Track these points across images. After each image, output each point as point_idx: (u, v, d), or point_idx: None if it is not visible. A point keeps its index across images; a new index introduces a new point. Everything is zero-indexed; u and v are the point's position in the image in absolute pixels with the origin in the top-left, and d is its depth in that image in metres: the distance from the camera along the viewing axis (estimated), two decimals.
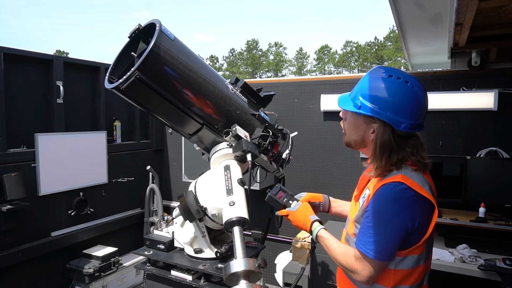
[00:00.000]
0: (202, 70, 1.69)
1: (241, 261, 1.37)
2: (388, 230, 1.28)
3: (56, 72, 3.36)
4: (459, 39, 2.59)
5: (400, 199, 1.27)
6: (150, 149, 4.47)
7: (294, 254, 3.45)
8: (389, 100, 1.30)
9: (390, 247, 1.29)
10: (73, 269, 3.40)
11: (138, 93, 1.58)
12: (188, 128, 1.81)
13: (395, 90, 1.31)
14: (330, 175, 3.66)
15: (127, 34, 1.62)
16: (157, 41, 1.48)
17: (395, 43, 49.06)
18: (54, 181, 3.31)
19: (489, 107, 2.89)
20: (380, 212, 1.29)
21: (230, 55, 60.59)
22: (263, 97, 1.99)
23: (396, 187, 1.28)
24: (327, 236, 1.49)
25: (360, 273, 1.33)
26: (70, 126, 3.54)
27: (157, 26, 1.51)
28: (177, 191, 4.58)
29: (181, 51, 1.61)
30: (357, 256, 1.34)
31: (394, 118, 1.29)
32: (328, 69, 56.69)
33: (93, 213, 3.66)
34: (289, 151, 2.05)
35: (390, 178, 1.31)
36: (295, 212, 1.62)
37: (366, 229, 1.32)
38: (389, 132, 1.32)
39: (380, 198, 1.30)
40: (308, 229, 1.55)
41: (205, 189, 1.78)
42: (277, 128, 1.99)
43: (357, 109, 1.36)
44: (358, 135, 1.43)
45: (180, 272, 1.88)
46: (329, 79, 3.71)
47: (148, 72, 1.51)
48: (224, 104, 1.78)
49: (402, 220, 1.27)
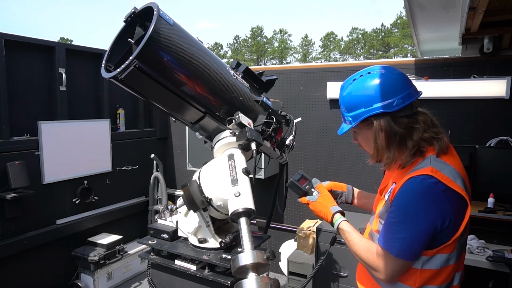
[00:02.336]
0: (203, 56, 1.63)
1: (249, 254, 1.35)
2: (414, 227, 1.19)
3: (58, 59, 3.32)
4: (472, 24, 2.50)
5: (429, 194, 1.17)
6: (154, 137, 4.45)
7: (299, 243, 3.44)
8: (365, 96, 1.29)
9: (415, 246, 1.20)
10: (78, 257, 3.42)
11: (138, 82, 1.52)
12: (190, 116, 1.77)
13: (365, 83, 1.31)
14: (336, 164, 3.61)
15: (123, 18, 1.55)
16: (155, 27, 1.40)
17: (402, 29, 48.27)
18: (58, 169, 3.31)
19: (501, 95, 2.80)
20: (406, 207, 1.20)
21: (235, 42, 60.12)
22: (266, 81, 1.93)
23: (425, 180, 1.18)
24: (349, 230, 1.41)
25: (382, 271, 1.26)
26: (74, 114, 3.51)
27: (154, 11, 1.43)
28: (181, 179, 4.56)
29: (181, 37, 1.54)
30: (380, 253, 1.26)
31: (382, 104, 1.25)
32: (334, 56, 56.09)
33: (97, 201, 3.66)
34: (293, 137, 2.01)
35: (418, 171, 1.21)
36: (315, 202, 1.57)
37: (390, 225, 1.24)
38: (388, 120, 1.26)
39: (406, 192, 1.20)
40: (329, 220, 1.50)
41: (209, 180, 1.75)
42: (281, 114, 1.94)
43: (352, 124, 1.34)
44: (377, 145, 1.33)
45: (184, 262, 1.87)
46: (335, 66, 3.63)
47: (148, 61, 1.44)
48: (226, 91, 1.73)
49: (431, 217, 1.17)
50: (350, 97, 1.35)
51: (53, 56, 3.30)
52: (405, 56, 46.81)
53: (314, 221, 3.52)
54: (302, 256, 3.33)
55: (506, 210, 2.60)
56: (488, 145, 2.86)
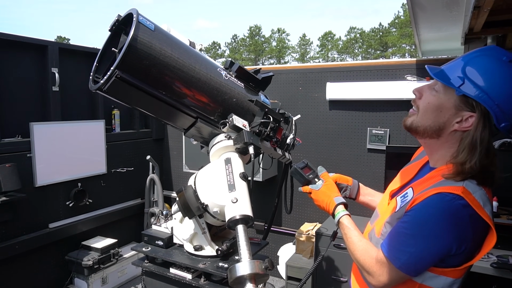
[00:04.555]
0: (190, 60, 1.56)
1: (247, 264, 1.29)
2: (427, 245, 1.09)
3: (51, 58, 3.23)
4: (475, 24, 2.43)
5: (454, 216, 1.06)
6: (150, 138, 4.37)
7: (298, 247, 3.38)
8: (502, 89, 1.06)
9: (422, 263, 1.11)
10: (72, 261, 3.34)
11: (122, 92, 1.47)
12: (182, 123, 1.71)
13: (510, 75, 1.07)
14: (335, 166, 3.54)
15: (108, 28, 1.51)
16: (135, 35, 1.35)
17: (400, 29, 48.34)
18: (51, 172, 3.23)
19: None
20: (424, 223, 1.09)
21: (233, 41, 60.04)
22: (261, 79, 1.86)
23: (454, 200, 1.06)
24: (350, 226, 1.33)
25: (376, 277, 1.18)
26: (67, 114, 3.43)
27: (134, 17, 1.38)
28: (178, 181, 4.49)
29: (164, 42, 1.48)
30: (380, 259, 1.17)
31: (500, 112, 1.05)
32: (332, 56, 56.12)
33: (92, 204, 3.58)
34: (293, 135, 1.95)
35: (448, 188, 1.08)
36: (318, 191, 1.48)
37: (399, 235, 1.14)
38: (489, 128, 1.08)
39: (430, 207, 1.08)
40: (330, 211, 1.41)
41: (205, 185, 1.68)
42: (279, 112, 1.88)
43: (457, 86, 1.08)
44: (437, 121, 1.15)
45: (179, 270, 1.81)
46: (335, 66, 3.56)
47: (130, 70, 1.39)
48: (218, 94, 1.66)
49: (448, 240, 1.07)
50: (488, 70, 1.09)
51: (45, 55, 3.22)
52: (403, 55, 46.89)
53: (313, 225, 3.46)
54: (301, 260, 3.27)
55: (510, 214, 2.55)
56: None
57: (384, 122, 3.27)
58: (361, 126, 3.38)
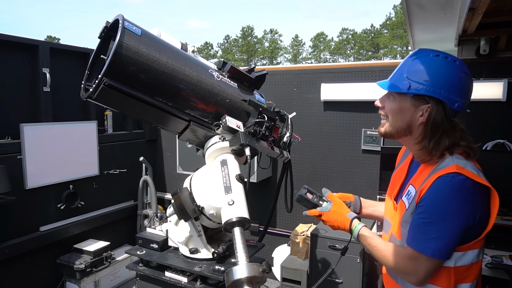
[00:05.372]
0: (179, 63, 1.55)
1: (244, 267, 1.28)
2: (448, 225, 1.19)
3: (42, 58, 3.18)
4: (469, 25, 2.45)
5: (460, 191, 1.18)
6: (143, 140, 4.32)
7: (293, 248, 3.37)
8: (442, 78, 1.23)
9: (450, 244, 1.20)
10: (63, 265, 3.28)
11: (112, 99, 1.47)
12: (174, 126, 1.70)
13: (447, 67, 1.24)
14: (330, 167, 3.54)
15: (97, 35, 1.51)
16: (120, 41, 1.34)
17: (391, 30, 48.75)
18: (42, 174, 3.16)
19: (497, 97, 2.77)
20: (438, 206, 1.20)
21: (225, 42, 59.95)
22: (255, 78, 1.85)
23: (454, 178, 1.18)
24: (371, 235, 1.38)
25: (413, 274, 1.24)
26: (59, 115, 3.37)
27: (119, 23, 1.37)
28: (172, 183, 4.45)
29: (151, 47, 1.46)
30: (411, 255, 1.24)
31: (448, 96, 1.22)
32: (324, 57, 56.36)
33: (84, 206, 3.52)
34: (290, 133, 1.96)
35: (444, 170, 1.20)
36: (329, 212, 1.51)
37: (420, 226, 1.22)
38: (442, 112, 1.24)
39: (437, 191, 1.19)
40: (347, 228, 1.45)
41: (201, 187, 1.66)
42: (274, 111, 1.87)
43: (407, 90, 1.26)
44: (404, 121, 1.31)
45: (175, 274, 1.79)
46: (330, 67, 3.56)
47: (117, 76, 1.38)
48: (210, 95, 1.64)
49: (464, 215, 1.18)
50: (425, 68, 1.26)
51: (36, 55, 3.16)
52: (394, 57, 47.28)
53: (308, 226, 3.45)
54: (296, 262, 3.26)
55: (504, 214, 2.57)
56: (484, 148, 2.82)
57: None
58: (355, 127, 3.38)
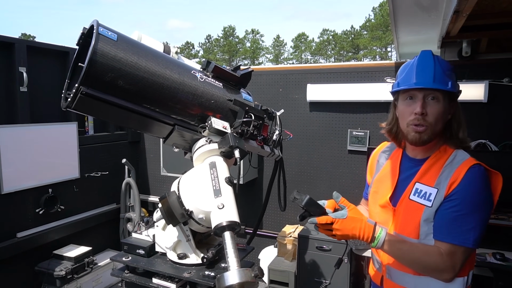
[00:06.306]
0: (159, 67, 1.50)
1: (236, 273, 1.25)
2: (483, 213, 1.25)
3: (18, 57, 3.04)
4: (453, 28, 2.49)
5: (486, 180, 1.28)
6: (125, 141, 4.21)
7: (280, 249, 3.35)
8: (454, 72, 1.36)
9: (483, 232, 1.25)
10: (42, 272, 3.15)
11: (92, 108, 1.43)
12: (159, 132, 1.65)
13: (448, 63, 1.38)
14: (316, 168, 3.54)
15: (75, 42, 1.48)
16: (95, 48, 1.30)
17: (370, 32, 49.59)
18: (19, 177, 3.03)
19: (479, 98, 2.83)
20: (475, 197, 1.25)
21: (207, 41, 59.57)
22: (241, 76, 1.81)
23: (480, 168, 1.28)
24: (399, 239, 1.32)
25: (450, 270, 1.25)
26: (36, 117, 3.24)
27: (94, 30, 1.33)
28: (155, 185, 4.36)
29: (129, 51, 1.42)
30: (448, 251, 1.24)
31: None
32: (305, 57, 56.80)
33: (64, 211, 3.40)
34: (279, 131, 1.93)
35: (467, 162, 1.29)
36: (346, 219, 1.29)
37: (456, 220, 1.25)
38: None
39: (470, 182, 1.25)
40: (369, 235, 1.28)
41: (190, 191, 1.62)
42: (261, 109, 1.84)
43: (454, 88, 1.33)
44: (444, 121, 1.36)
45: (163, 280, 1.74)
46: (316, 68, 3.57)
47: (95, 84, 1.34)
48: (194, 98, 1.60)
49: (492, 201, 1.27)
50: (450, 66, 1.36)
51: (12, 53, 3.02)
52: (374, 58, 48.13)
53: (295, 227, 3.44)
54: (283, 264, 3.24)
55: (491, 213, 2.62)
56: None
57: (364, 123, 3.30)
58: (341, 127, 3.40)
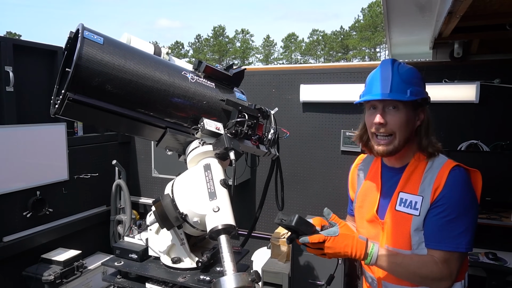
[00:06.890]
0: (148, 69, 1.47)
1: (232, 277, 1.22)
2: (471, 215, 1.22)
3: (4, 56, 2.95)
4: (445, 29, 2.50)
5: (468, 181, 1.25)
6: (115, 142, 4.13)
7: (273, 251, 3.33)
8: (422, 80, 1.36)
9: (474, 233, 1.22)
10: (30, 277, 3.07)
11: (80, 114, 1.41)
12: (151, 135, 1.62)
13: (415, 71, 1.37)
14: (309, 169, 3.53)
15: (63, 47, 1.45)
16: (80, 52, 1.27)
17: (360, 32, 50.04)
18: (5, 180, 2.95)
19: (471, 99, 2.86)
20: (461, 199, 1.22)
21: (196, 41, 59.33)
22: (233, 75, 1.78)
23: (460, 170, 1.25)
24: (392, 252, 1.28)
25: (448, 277, 1.22)
26: (23, 117, 3.15)
27: (79, 34, 1.30)
28: (146, 187, 4.29)
29: (116, 55, 1.38)
30: (443, 258, 1.21)
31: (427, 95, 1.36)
32: (295, 57, 57.01)
33: (52, 214, 3.32)
34: (274, 130, 1.91)
35: (447, 164, 1.26)
36: (338, 236, 1.27)
37: (445, 225, 1.21)
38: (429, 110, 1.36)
39: (454, 185, 1.23)
40: (362, 252, 1.26)
41: (184, 193, 1.58)
42: (255, 108, 1.82)
43: (416, 97, 1.29)
44: (409, 130, 1.33)
45: (156, 285, 1.70)
46: (309, 68, 3.56)
47: (82, 90, 1.31)
48: (185, 99, 1.58)
49: (476, 201, 1.25)
50: (412, 73, 1.34)
51: None
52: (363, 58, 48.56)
53: None
54: (277, 265, 3.22)
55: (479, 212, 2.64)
56: (458, 149, 2.91)
57: (357, 124, 3.26)
58: (334, 128, 3.39)
